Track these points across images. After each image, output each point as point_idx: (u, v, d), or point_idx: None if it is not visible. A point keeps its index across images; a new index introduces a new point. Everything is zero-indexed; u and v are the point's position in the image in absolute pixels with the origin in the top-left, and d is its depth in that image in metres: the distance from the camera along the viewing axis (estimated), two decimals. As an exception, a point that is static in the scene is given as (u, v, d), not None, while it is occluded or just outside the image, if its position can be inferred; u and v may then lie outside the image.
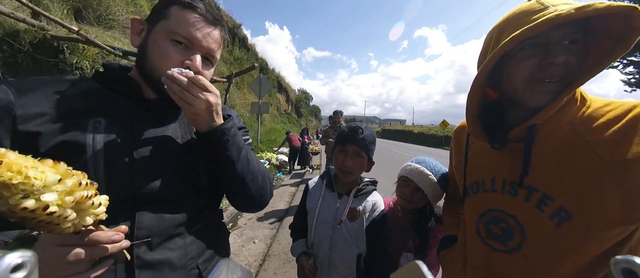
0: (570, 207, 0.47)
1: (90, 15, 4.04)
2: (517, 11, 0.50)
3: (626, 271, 0.20)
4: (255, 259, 2.46)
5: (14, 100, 0.43)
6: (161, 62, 0.50)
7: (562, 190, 0.48)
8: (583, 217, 0.46)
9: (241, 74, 4.87)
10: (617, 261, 0.21)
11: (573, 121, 0.49)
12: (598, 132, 0.46)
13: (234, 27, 12.73)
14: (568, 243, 0.48)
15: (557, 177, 0.49)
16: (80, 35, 2.74)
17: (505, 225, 0.55)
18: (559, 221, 0.48)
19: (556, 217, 0.48)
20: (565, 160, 0.48)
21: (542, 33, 0.44)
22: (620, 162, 0.43)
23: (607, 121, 0.46)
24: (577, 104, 0.50)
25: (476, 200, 0.62)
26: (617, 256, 0.21)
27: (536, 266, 0.51)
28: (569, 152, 0.48)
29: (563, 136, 0.49)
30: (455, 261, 0.69)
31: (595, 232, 0.46)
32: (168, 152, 0.53)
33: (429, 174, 0.91)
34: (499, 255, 0.56)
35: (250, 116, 9.37)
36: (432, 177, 0.90)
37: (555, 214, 0.48)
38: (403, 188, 0.97)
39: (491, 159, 0.60)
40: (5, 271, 0.16)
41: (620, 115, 0.45)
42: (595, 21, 0.45)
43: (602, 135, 0.46)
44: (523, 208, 0.52)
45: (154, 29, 0.52)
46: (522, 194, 0.52)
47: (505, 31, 0.49)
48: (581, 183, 0.46)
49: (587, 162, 0.46)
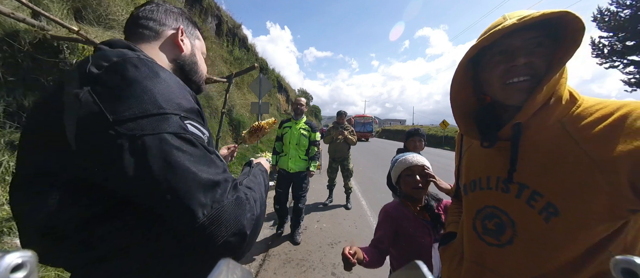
0: (558, 203, 0.49)
1: (90, 15, 4.04)
2: (489, 26, 0.57)
3: (626, 271, 0.20)
4: (255, 259, 2.46)
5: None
6: (204, 75, 0.69)
7: (550, 186, 0.50)
8: (570, 213, 0.48)
9: (241, 74, 4.87)
10: (617, 261, 0.21)
11: (562, 119, 0.51)
12: (586, 130, 0.48)
13: (234, 27, 12.72)
14: (556, 238, 0.50)
15: (545, 174, 0.51)
16: (80, 35, 2.74)
17: (498, 221, 0.58)
18: (547, 216, 0.50)
19: (544, 212, 0.50)
20: (554, 157, 0.50)
21: (504, 41, 0.52)
22: (607, 160, 0.44)
23: (595, 119, 0.48)
24: (565, 103, 0.52)
25: (473, 198, 0.65)
26: (617, 256, 0.21)
27: (527, 260, 0.53)
28: (557, 150, 0.50)
29: (552, 134, 0.52)
30: (453, 257, 0.72)
31: (583, 227, 0.47)
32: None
33: (414, 155, 1.07)
34: (493, 249, 0.58)
35: (250, 116, 9.37)
36: (413, 154, 1.08)
37: (543, 210, 0.51)
38: (409, 181, 1.04)
39: (487, 158, 0.63)
40: (5, 271, 0.16)
41: (607, 114, 0.47)
42: (555, 25, 0.50)
43: (589, 133, 0.47)
44: (514, 204, 0.55)
45: (195, 44, 0.66)
46: (514, 191, 0.55)
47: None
48: (569, 180, 0.48)
49: (574, 160, 0.48)
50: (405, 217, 1.04)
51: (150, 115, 0.39)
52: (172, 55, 0.60)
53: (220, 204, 0.41)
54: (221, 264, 0.21)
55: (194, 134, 0.43)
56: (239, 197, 0.45)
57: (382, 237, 1.06)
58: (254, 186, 0.56)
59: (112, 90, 0.39)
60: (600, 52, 14.09)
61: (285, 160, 2.82)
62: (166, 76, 0.45)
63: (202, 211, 0.39)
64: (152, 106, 0.40)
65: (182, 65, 0.62)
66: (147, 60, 0.45)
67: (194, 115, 0.46)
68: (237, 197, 0.45)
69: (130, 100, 0.39)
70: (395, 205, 1.11)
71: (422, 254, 0.98)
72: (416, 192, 1.03)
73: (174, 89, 0.45)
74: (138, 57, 0.44)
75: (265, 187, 0.64)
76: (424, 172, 1.03)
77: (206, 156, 0.43)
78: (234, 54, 12.00)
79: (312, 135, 2.85)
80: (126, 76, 0.40)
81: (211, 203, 0.40)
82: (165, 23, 0.60)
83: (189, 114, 0.45)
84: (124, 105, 0.38)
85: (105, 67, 0.41)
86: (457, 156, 0.79)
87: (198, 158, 0.41)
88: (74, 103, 0.38)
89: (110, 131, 0.37)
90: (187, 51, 0.63)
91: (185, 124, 0.42)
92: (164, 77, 0.44)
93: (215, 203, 0.41)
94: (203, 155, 0.43)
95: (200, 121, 0.48)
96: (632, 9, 12.51)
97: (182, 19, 0.64)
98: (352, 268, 0.86)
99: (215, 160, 0.46)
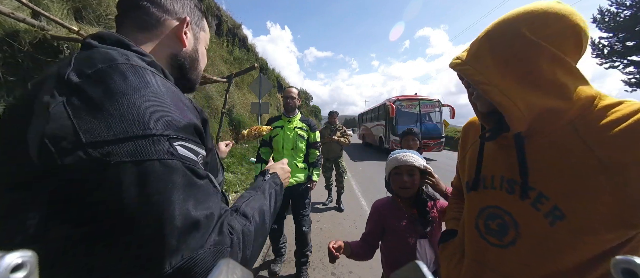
0: (564, 207, 0.47)
1: (90, 15, 4.04)
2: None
3: (626, 271, 0.20)
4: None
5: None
6: (201, 72, 0.62)
7: (557, 189, 0.48)
8: (576, 217, 0.46)
9: (241, 74, 4.87)
10: (617, 261, 0.20)
11: (575, 121, 0.49)
12: (598, 133, 0.46)
13: (234, 27, 12.73)
14: (561, 242, 0.48)
15: (553, 176, 0.49)
16: (80, 35, 2.75)
17: (501, 221, 0.57)
18: (553, 220, 0.49)
19: (550, 215, 0.49)
20: (563, 159, 0.48)
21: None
22: (618, 166, 0.43)
23: (609, 122, 0.46)
24: (580, 105, 0.49)
25: (478, 197, 0.64)
26: (617, 256, 0.21)
27: (529, 262, 0.52)
28: (566, 152, 0.48)
29: (562, 136, 0.50)
30: (453, 255, 0.71)
31: (589, 233, 0.46)
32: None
33: (408, 154, 1.06)
34: (495, 249, 0.57)
35: (250, 116, 9.37)
36: (408, 153, 1.06)
37: (549, 213, 0.49)
38: (397, 179, 1.05)
39: (493, 157, 0.62)
40: (5, 271, 0.15)
41: (622, 117, 0.45)
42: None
43: (601, 136, 0.45)
44: (519, 205, 0.53)
45: (200, 37, 0.59)
46: (518, 192, 0.53)
47: None
48: (576, 184, 0.46)
49: (583, 163, 0.46)
50: (394, 214, 1.08)
51: (133, 138, 0.33)
52: (173, 49, 0.53)
53: (195, 254, 0.35)
54: (221, 264, 0.21)
55: (184, 157, 0.37)
56: (221, 242, 0.38)
57: (370, 232, 1.12)
58: (256, 211, 0.50)
59: (91, 105, 0.33)
60: (600, 52, 14.09)
61: None
62: (158, 85, 0.39)
63: (169, 261, 0.33)
64: (136, 126, 0.34)
65: (182, 63, 0.55)
66: (139, 66, 0.39)
67: (188, 133, 0.40)
68: (219, 242, 0.38)
69: (111, 119, 0.33)
70: (385, 202, 1.15)
71: (409, 251, 1.01)
72: (403, 191, 1.06)
73: (166, 101, 0.38)
74: (128, 63, 0.38)
75: (274, 206, 0.58)
76: (412, 171, 1.04)
77: (193, 185, 0.37)
78: (234, 54, 12.01)
79: (311, 135, 2.15)
80: (110, 88, 0.34)
81: (184, 250, 0.34)
82: (169, 10, 0.52)
83: (182, 132, 0.38)
84: (102, 124, 0.32)
85: (86, 75, 0.35)
86: (462, 152, 0.77)
87: (181, 190, 0.35)
88: (43, 115, 0.32)
89: (80, 153, 0.31)
90: (190, 47, 0.56)
91: (174, 147, 0.36)
92: (155, 88, 0.38)
93: (188, 252, 0.35)
94: (189, 184, 0.37)
95: (195, 140, 0.41)
96: (632, 10, 12.52)
97: (189, 6, 0.56)
98: (335, 260, 1.00)
99: (205, 188, 0.40)
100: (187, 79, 0.58)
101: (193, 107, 0.45)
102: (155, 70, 0.43)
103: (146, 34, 0.50)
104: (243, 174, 4.38)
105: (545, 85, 0.47)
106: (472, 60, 0.54)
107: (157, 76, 0.41)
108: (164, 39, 0.52)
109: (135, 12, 0.50)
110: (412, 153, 1.07)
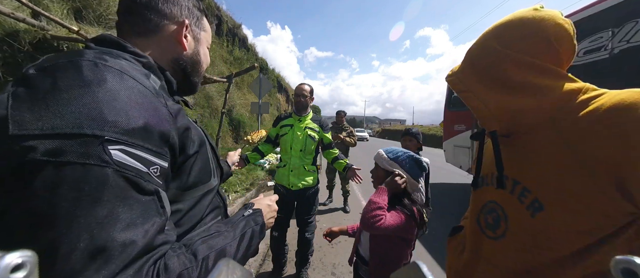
0: (542, 198, 0.50)
1: (90, 15, 4.04)
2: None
3: (626, 271, 0.20)
4: (255, 259, 2.45)
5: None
6: (203, 73, 0.62)
7: (536, 181, 0.52)
8: (553, 209, 0.49)
9: (241, 74, 4.87)
10: (617, 261, 0.20)
11: (555, 115, 0.51)
12: (573, 125, 0.47)
13: (234, 27, 12.73)
14: (542, 233, 0.51)
15: (532, 170, 0.53)
16: (80, 35, 2.75)
17: (495, 215, 0.61)
18: (533, 212, 0.51)
19: (531, 207, 0.52)
20: (541, 154, 0.51)
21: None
22: (592, 159, 0.44)
23: (584, 115, 0.46)
24: (561, 98, 0.50)
25: (479, 194, 0.69)
26: (617, 256, 0.21)
27: (516, 253, 0.55)
28: (545, 146, 0.51)
29: (541, 131, 0.52)
30: (457, 247, 0.77)
31: (569, 225, 0.47)
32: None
33: (383, 154, 1.15)
34: (490, 241, 0.62)
35: (250, 116, 9.37)
36: (381, 152, 1.16)
37: (530, 205, 0.52)
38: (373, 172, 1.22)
39: (489, 157, 0.67)
40: (5, 271, 0.15)
41: (595, 109, 0.45)
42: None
43: (576, 128, 0.47)
44: (508, 199, 0.57)
45: (201, 38, 0.58)
46: (508, 186, 0.57)
47: None
48: (552, 176, 0.49)
49: (558, 155, 0.48)
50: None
51: (60, 136, 0.29)
52: (173, 53, 0.52)
53: None
54: (221, 264, 0.21)
55: (122, 165, 0.32)
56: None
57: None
58: (213, 252, 0.42)
59: (33, 97, 0.30)
60: (600, 52, 14.09)
61: (284, 174, 1.91)
62: (117, 84, 0.35)
63: None
64: (67, 123, 0.30)
65: (184, 66, 0.55)
66: (104, 65, 0.35)
67: (139, 137, 0.34)
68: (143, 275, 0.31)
69: (45, 112, 0.29)
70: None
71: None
72: (373, 184, 1.20)
73: (120, 100, 0.34)
74: (94, 62, 0.35)
75: (244, 250, 0.50)
76: (376, 166, 1.18)
77: (126, 201, 0.32)
78: (234, 54, 12.00)
79: (324, 136, 1.96)
80: (59, 81, 0.31)
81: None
82: (167, 15, 0.50)
83: (128, 135, 0.33)
84: (35, 116, 0.29)
85: (43, 68, 0.33)
86: (478, 151, 0.82)
87: (105, 203, 0.30)
88: None
89: (1, 144, 0.28)
90: (190, 49, 0.55)
91: (107, 150, 0.31)
92: (110, 86, 0.34)
93: None
94: (120, 198, 0.31)
95: (151, 148, 0.35)
96: None
97: (187, 8, 0.54)
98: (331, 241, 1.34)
99: (145, 207, 0.34)
100: (190, 82, 0.59)
101: (169, 114, 0.40)
102: (139, 71, 0.41)
103: (146, 40, 0.49)
104: (243, 174, 4.37)
105: (516, 88, 0.52)
106: (458, 72, 0.62)
107: (125, 75, 0.36)
108: (164, 44, 0.51)
109: (133, 19, 0.49)
110: (393, 151, 1.15)
